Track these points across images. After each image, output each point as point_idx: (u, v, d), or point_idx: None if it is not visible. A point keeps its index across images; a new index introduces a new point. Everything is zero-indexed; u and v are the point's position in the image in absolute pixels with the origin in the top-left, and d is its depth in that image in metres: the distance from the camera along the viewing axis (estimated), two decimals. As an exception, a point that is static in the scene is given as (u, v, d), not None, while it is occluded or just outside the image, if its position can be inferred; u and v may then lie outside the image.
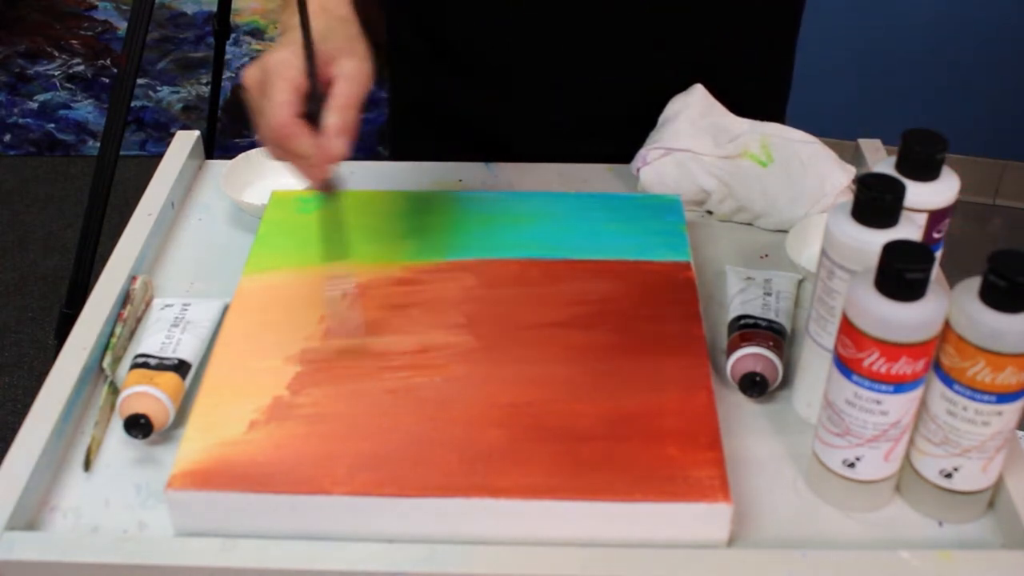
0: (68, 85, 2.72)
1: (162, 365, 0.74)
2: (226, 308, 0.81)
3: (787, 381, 0.75)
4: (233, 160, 0.97)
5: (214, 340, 0.77)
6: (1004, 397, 0.61)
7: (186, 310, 0.80)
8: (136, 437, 0.70)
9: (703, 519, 0.63)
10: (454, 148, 1.02)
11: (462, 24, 0.99)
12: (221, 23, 2.04)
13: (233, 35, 2.73)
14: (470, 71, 1.00)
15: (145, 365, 0.74)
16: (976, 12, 2.24)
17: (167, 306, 0.81)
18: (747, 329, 0.76)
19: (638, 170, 0.93)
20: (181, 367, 0.74)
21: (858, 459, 0.65)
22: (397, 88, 1.11)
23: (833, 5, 2.25)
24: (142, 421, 0.70)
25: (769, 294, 0.80)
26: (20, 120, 2.67)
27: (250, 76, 0.71)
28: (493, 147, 1.01)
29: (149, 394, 0.71)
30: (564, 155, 0.99)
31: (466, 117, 1.03)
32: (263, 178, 0.97)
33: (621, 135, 0.97)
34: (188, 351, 0.76)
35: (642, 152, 0.94)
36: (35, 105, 2.68)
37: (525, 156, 1.00)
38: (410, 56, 1.05)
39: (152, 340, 0.77)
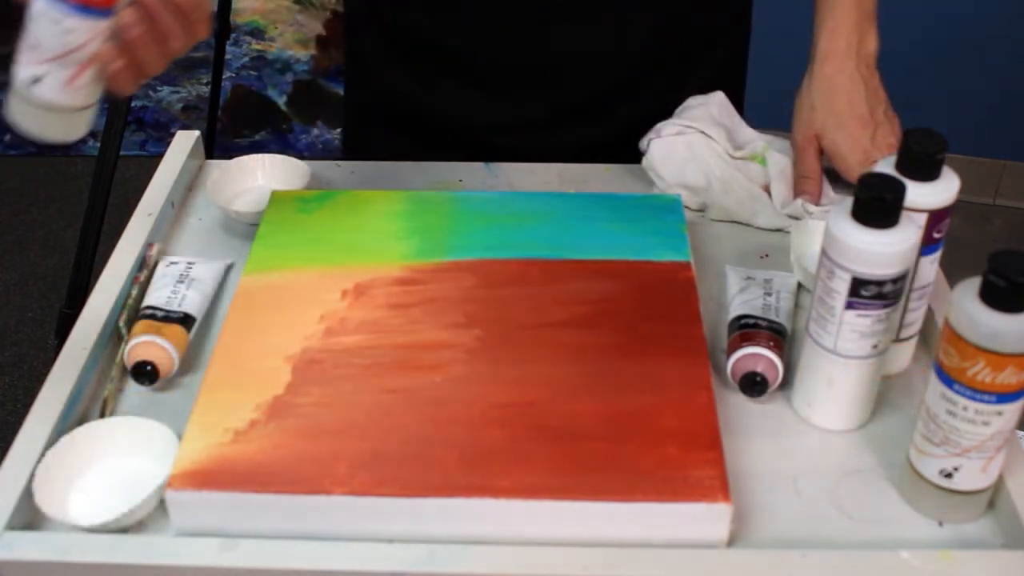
0: (68, 85, 2.71)
1: (168, 317, 0.77)
2: (228, 268, 0.85)
3: (787, 381, 0.75)
4: (219, 168, 0.95)
5: (217, 297, 0.82)
6: (1004, 397, 0.61)
7: (191, 268, 0.83)
8: (143, 384, 0.74)
9: (703, 519, 0.63)
10: (416, 145, 1.01)
11: (425, 15, 0.98)
12: (221, 23, 2.04)
13: (233, 35, 2.73)
14: (436, 64, 1.00)
15: (152, 316, 0.77)
16: (976, 12, 2.24)
17: (172, 263, 0.84)
18: (747, 329, 0.76)
19: (649, 142, 0.93)
20: (186, 320, 0.78)
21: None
22: (354, 88, 1.10)
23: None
24: (148, 368, 0.73)
25: (769, 294, 0.80)
26: (20, 120, 2.67)
27: None
28: (460, 142, 1.01)
29: (156, 343, 0.74)
30: (537, 147, 0.99)
31: (431, 111, 1.02)
32: (248, 189, 0.95)
33: (595, 125, 0.97)
34: (192, 306, 0.79)
35: (658, 126, 0.93)
36: (35, 105, 2.68)
37: (498, 149, 1.00)
38: (370, 51, 1.04)
39: (159, 294, 0.80)
